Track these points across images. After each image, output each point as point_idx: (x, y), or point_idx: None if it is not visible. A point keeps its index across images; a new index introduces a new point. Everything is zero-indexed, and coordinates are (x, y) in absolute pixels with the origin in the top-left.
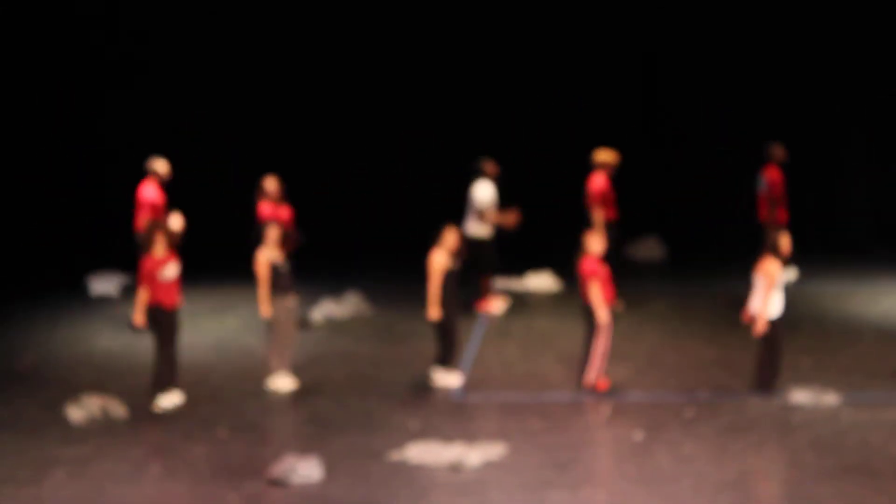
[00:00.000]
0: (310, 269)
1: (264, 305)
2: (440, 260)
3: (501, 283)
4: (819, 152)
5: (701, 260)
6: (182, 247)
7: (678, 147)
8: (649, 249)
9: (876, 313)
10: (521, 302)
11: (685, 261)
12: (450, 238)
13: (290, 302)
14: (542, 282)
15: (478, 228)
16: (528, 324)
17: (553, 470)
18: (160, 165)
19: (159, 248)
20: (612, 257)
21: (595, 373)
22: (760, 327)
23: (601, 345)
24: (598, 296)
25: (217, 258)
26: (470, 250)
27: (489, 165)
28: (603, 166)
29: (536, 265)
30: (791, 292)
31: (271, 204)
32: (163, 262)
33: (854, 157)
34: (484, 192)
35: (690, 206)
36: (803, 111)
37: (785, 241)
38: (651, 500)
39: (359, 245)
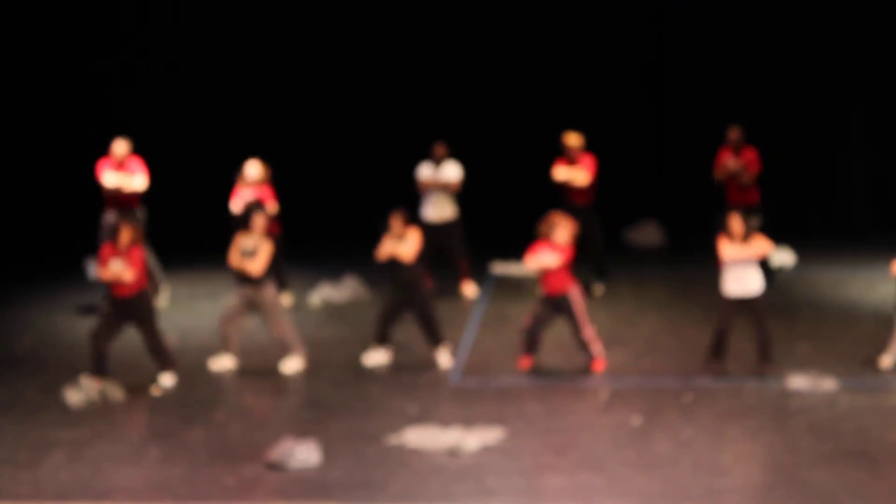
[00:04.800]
0: (308, 253)
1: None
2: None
3: (500, 267)
4: (818, 136)
5: (700, 245)
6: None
7: (678, 131)
8: (648, 235)
9: (874, 299)
10: (519, 286)
11: (685, 246)
12: (394, 226)
13: (248, 292)
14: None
15: (443, 211)
16: (525, 308)
17: (551, 455)
18: (115, 146)
19: (124, 241)
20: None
21: (596, 348)
22: None
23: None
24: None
25: (215, 242)
26: (437, 235)
27: (439, 148)
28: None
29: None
30: (789, 278)
31: (249, 188)
32: (117, 255)
33: (854, 141)
34: (454, 171)
35: (690, 190)
36: (803, 93)
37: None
38: (649, 485)
39: (357, 229)
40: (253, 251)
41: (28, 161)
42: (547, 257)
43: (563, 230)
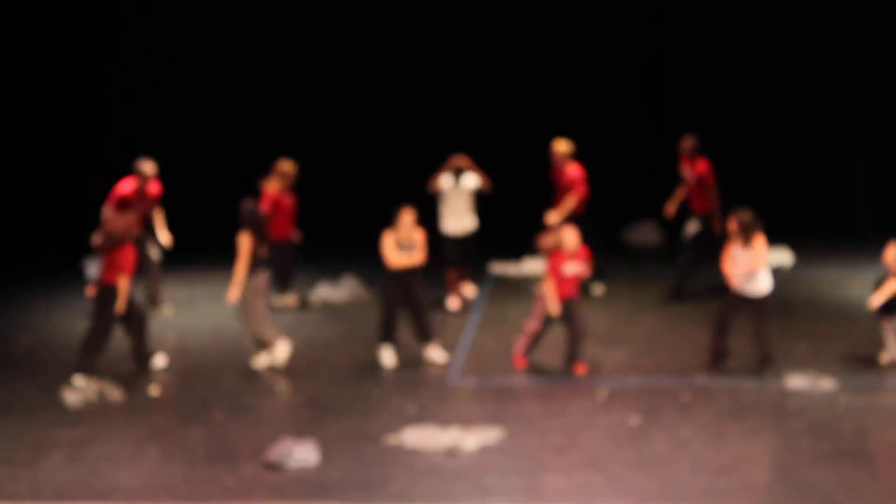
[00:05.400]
0: (307, 253)
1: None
2: (388, 242)
3: (498, 267)
4: (818, 136)
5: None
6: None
7: (677, 131)
8: (647, 234)
9: None
10: (517, 286)
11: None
12: (405, 220)
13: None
14: (538, 266)
15: (465, 223)
16: (524, 308)
17: (549, 454)
18: (146, 167)
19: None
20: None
21: (519, 347)
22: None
23: (529, 324)
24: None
25: (214, 242)
26: (459, 246)
27: (461, 160)
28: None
29: (533, 250)
30: (788, 277)
31: (279, 190)
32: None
33: (854, 141)
34: (472, 181)
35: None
36: (803, 92)
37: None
38: (647, 484)
39: (356, 229)
40: None
41: (28, 160)
42: (577, 268)
43: (569, 237)
